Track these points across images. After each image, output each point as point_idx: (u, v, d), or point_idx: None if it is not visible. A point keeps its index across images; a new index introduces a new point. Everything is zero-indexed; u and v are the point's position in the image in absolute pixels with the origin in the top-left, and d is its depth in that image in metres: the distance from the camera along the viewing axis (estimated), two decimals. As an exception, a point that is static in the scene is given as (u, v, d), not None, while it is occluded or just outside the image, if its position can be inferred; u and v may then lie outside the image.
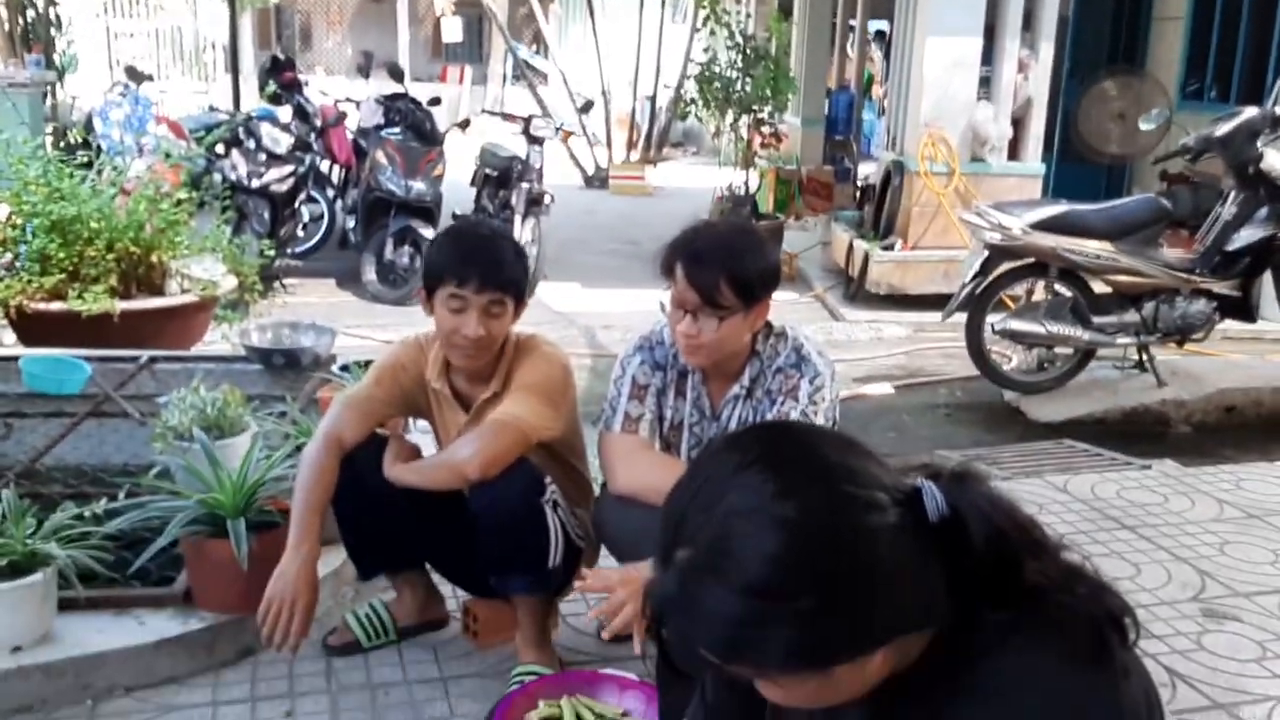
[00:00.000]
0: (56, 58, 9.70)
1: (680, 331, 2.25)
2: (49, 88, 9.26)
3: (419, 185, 7.35)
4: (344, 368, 3.62)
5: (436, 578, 2.75)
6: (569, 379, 2.45)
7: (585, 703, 2.26)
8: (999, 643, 1.05)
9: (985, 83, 7.61)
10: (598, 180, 14.23)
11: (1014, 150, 7.71)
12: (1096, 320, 5.36)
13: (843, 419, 2.44)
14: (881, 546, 1.02)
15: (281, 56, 9.49)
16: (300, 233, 7.87)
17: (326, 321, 4.72)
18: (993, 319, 5.37)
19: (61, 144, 6.91)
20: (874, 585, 1.02)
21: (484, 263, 2.33)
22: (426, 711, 2.42)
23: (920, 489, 1.07)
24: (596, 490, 2.58)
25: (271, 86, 7.50)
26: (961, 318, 5.42)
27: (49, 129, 8.28)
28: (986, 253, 5.32)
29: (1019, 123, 7.73)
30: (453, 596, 2.82)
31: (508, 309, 2.37)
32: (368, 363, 3.55)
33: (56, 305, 4.61)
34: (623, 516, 2.36)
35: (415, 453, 2.46)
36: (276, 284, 7.35)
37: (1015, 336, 5.43)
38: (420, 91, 9.91)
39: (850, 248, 7.81)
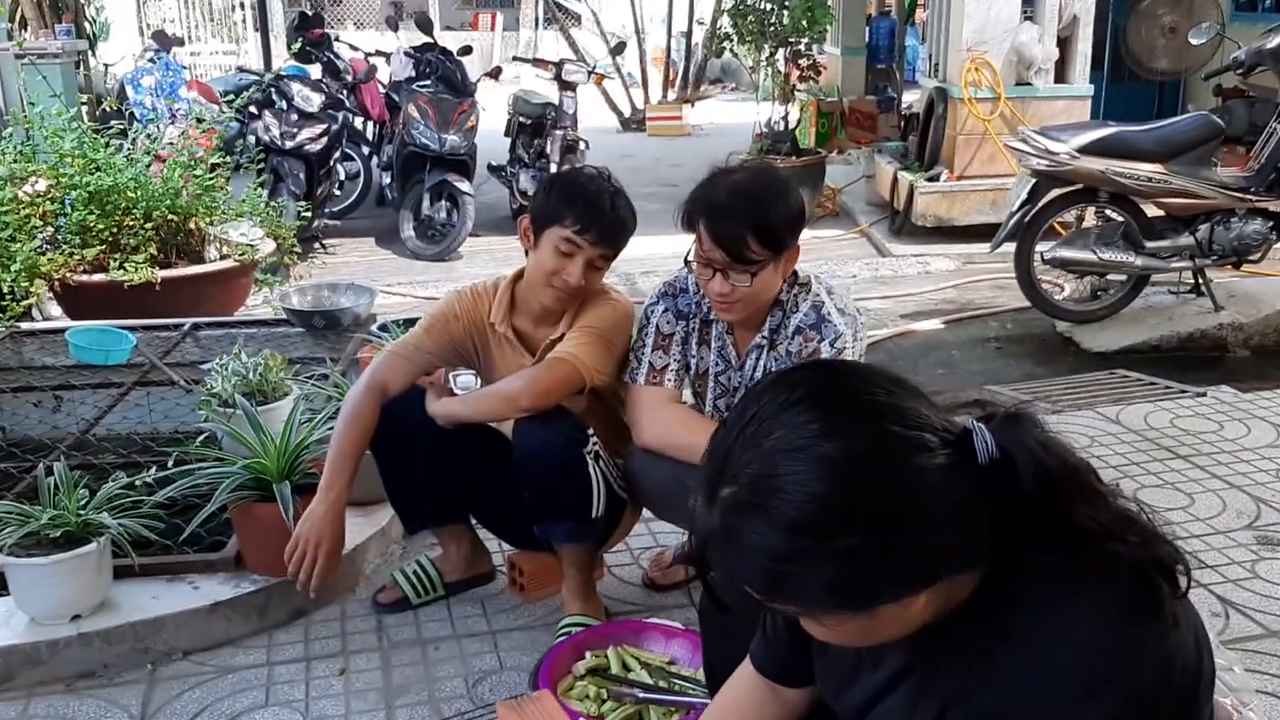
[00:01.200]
0: (87, 26, 9.76)
1: (713, 292, 2.21)
2: (81, 57, 9.34)
3: (453, 138, 7.33)
4: (383, 327, 3.66)
5: (482, 533, 2.79)
6: (629, 324, 2.44)
7: (631, 652, 2.30)
8: (1044, 589, 1.05)
9: (1029, 2, 7.43)
10: (634, 122, 14.13)
11: (1061, 72, 7.54)
12: (1149, 245, 5.26)
13: (891, 356, 2.43)
14: (927, 488, 1.02)
15: (309, 12, 9.49)
16: (337, 191, 7.89)
17: (366, 281, 4.78)
18: (1042, 248, 5.32)
19: (97, 113, 6.98)
20: (919, 526, 1.02)
21: (609, 218, 2.33)
22: (476, 665, 2.47)
23: (970, 430, 1.07)
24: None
25: (300, 43, 7.50)
26: (1010, 248, 5.36)
27: (83, 99, 8.38)
28: (1034, 180, 5.24)
29: (1065, 42, 7.55)
30: (498, 551, 2.87)
31: (609, 264, 2.40)
32: (407, 322, 3.63)
33: (99, 276, 4.71)
34: (653, 469, 2.37)
35: (453, 395, 2.49)
36: (315, 245, 7.46)
37: (1066, 265, 5.35)
38: (451, 40, 9.89)
39: (895, 180, 7.70)
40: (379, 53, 8.85)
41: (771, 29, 8.34)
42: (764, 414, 1.07)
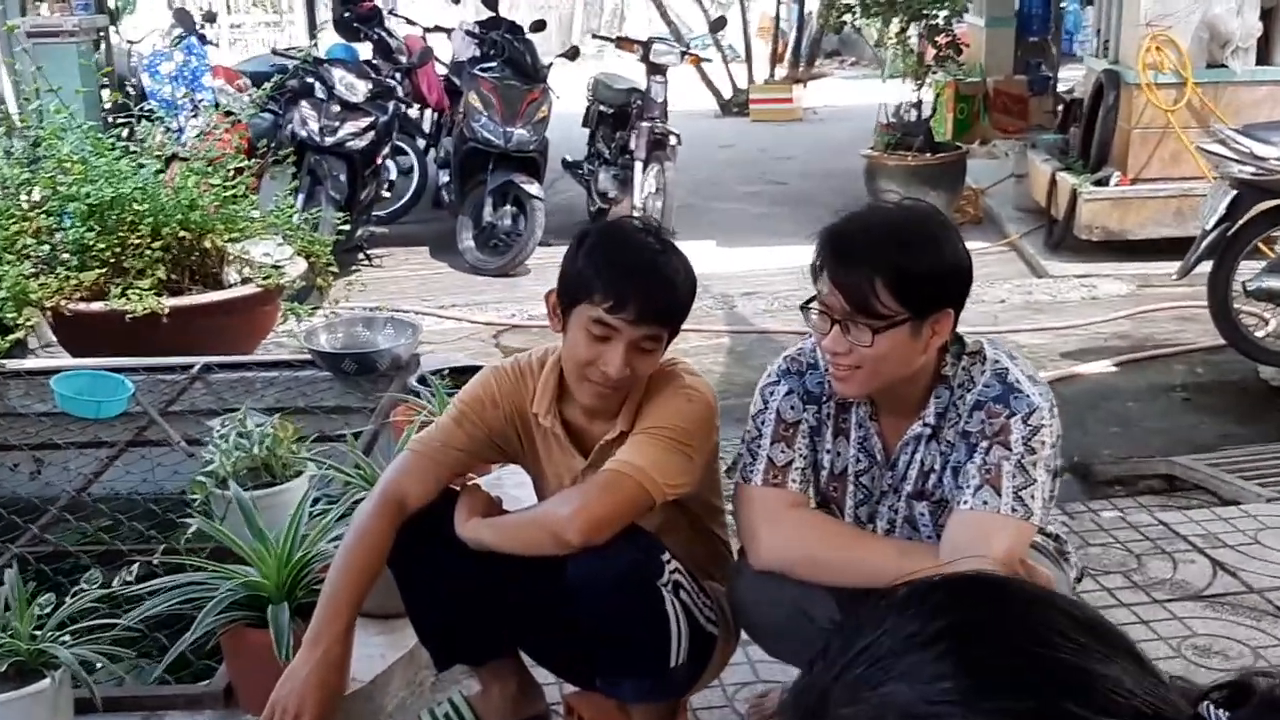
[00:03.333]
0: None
1: (825, 348, 2.09)
2: (101, 34, 9.42)
3: (520, 132, 7.28)
4: (422, 380, 3.49)
5: (530, 662, 2.56)
6: (711, 422, 2.26)
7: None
8: None
9: (1224, -36, 7.13)
10: (735, 105, 13.95)
11: (1265, 51, 7.20)
12: (1383, 274, 4.92)
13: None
14: None
15: (359, -20, 9.42)
16: (385, 193, 7.90)
17: (414, 307, 4.65)
18: (1244, 274, 5.11)
19: (112, 103, 6.96)
20: None
21: (648, 287, 2.13)
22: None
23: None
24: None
25: (344, 18, 7.43)
26: (1203, 271, 5.19)
27: (104, 84, 8.43)
28: (1235, 191, 5.03)
29: (1271, 14, 7.19)
30: (552, 683, 2.66)
31: (661, 344, 2.19)
32: (455, 372, 3.50)
33: (98, 305, 4.60)
34: (768, 596, 2.21)
35: (494, 507, 2.30)
36: (359, 256, 7.38)
37: (1273, 296, 5.12)
38: (524, 11, 9.78)
39: (1053, 181, 7.52)
40: (438, 28, 8.85)
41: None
42: (880, 649, 0.85)
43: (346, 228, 6.02)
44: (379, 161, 7.31)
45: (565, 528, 2.09)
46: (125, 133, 5.45)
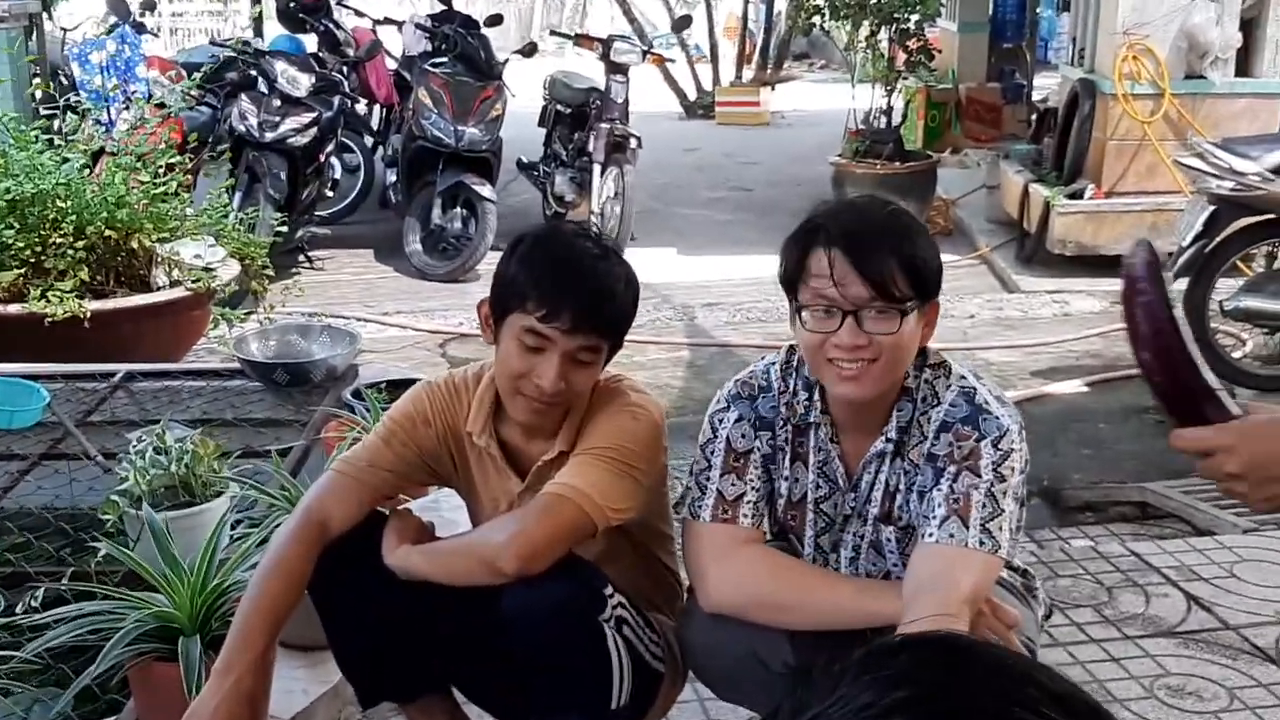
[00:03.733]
0: (41, -18, 9.70)
1: (843, 347, 2.00)
2: (33, 20, 9.26)
3: (472, 131, 7.23)
4: (356, 394, 3.42)
5: (463, 699, 2.48)
6: (658, 442, 2.21)
7: None
8: None
9: (1203, -28, 7.18)
10: (700, 107, 13.95)
11: (1244, 63, 7.26)
12: (1364, 295, 4.94)
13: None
14: None
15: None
16: (329, 192, 7.81)
17: (361, 304, 4.58)
18: (1221, 292, 5.15)
19: (47, 89, 6.83)
20: None
21: (584, 294, 2.08)
22: None
23: None
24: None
25: (284, 9, 7.35)
26: (1178, 288, 5.12)
27: (34, 70, 8.27)
28: (1212, 206, 5.05)
29: (1250, 25, 7.24)
30: (489, 723, 2.56)
31: (601, 356, 2.15)
32: (393, 385, 3.44)
33: (15, 307, 4.49)
34: (719, 640, 2.16)
35: (425, 533, 2.23)
36: (300, 258, 7.28)
37: (1251, 316, 5.17)
38: (479, 8, 9.72)
39: (1025, 193, 7.55)
40: (388, 21, 8.83)
41: (873, 2, 8.06)
42: (836, 716, 0.80)
43: (285, 229, 5.97)
44: (322, 159, 7.22)
45: (500, 556, 2.03)
46: (52, 125, 5.34)
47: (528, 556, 2.02)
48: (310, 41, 8.32)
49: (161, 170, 5.00)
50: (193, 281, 4.81)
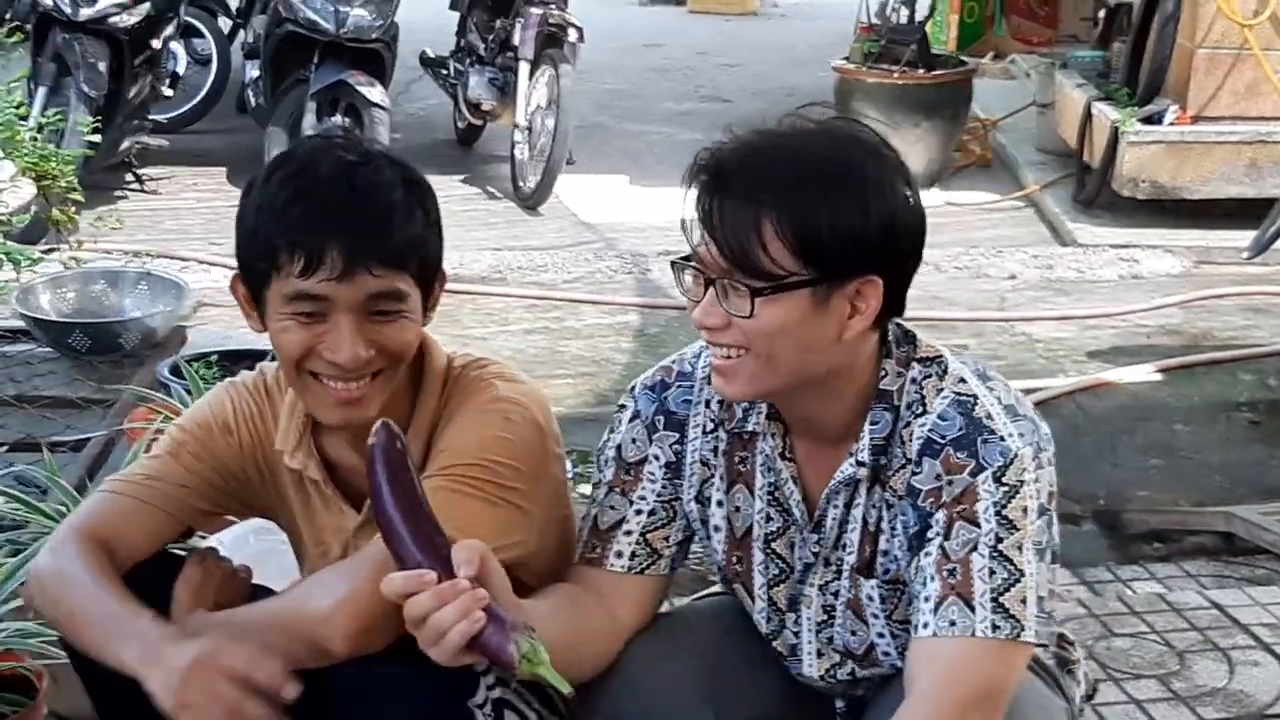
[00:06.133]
0: None
1: (695, 322, 2.01)
2: None
3: (359, 12, 7.20)
4: (175, 370, 3.43)
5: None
6: (544, 449, 2.20)
7: None
8: None
9: None
10: (666, -10, 13.90)
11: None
12: None
13: (1069, 427, 2.07)
14: None
15: None
16: (168, 91, 7.79)
17: (206, 241, 4.44)
18: None
19: None
20: None
21: (349, 221, 2.02)
22: None
23: None
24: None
25: None
26: None
27: None
28: None
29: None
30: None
31: (410, 301, 2.09)
32: (227, 359, 3.46)
33: None
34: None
35: (233, 585, 2.20)
36: (126, 176, 7.23)
37: None
38: None
39: (1088, 115, 7.58)
40: None
41: None
42: None
43: (103, 138, 5.91)
44: (157, 46, 7.21)
45: (324, 630, 1.99)
46: None
47: (362, 631, 1.97)
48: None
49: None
50: (-32, 208, 4.70)
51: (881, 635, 2.10)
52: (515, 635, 1.76)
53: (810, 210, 1.91)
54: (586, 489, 3.81)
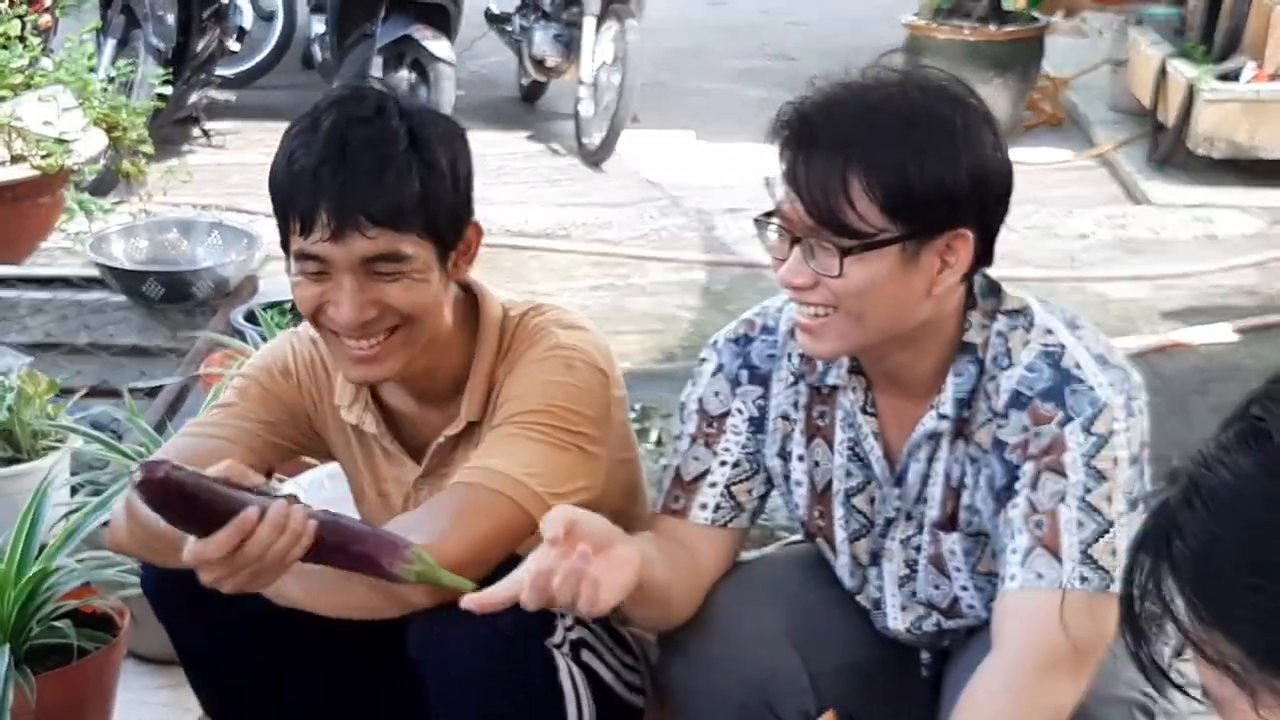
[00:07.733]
0: None
1: (783, 283, 2.03)
2: None
3: None
4: (250, 317, 3.53)
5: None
6: (607, 393, 2.23)
7: None
8: None
9: None
10: (733, -55, 13.83)
11: None
12: None
13: (1148, 391, 2.06)
14: None
15: None
16: (235, 45, 7.81)
17: (265, 201, 4.50)
18: None
19: None
20: None
21: (335, 180, 2.03)
22: None
23: None
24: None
25: None
26: None
27: None
28: None
29: None
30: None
31: (416, 262, 2.09)
32: None
33: None
34: (717, 683, 2.15)
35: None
36: (194, 131, 7.38)
37: None
38: None
39: (1162, 73, 7.54)
40: None
41: None
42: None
43: (172, 91, 5.93)
44: (224, 1, 7.26)
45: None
46: None
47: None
48: None
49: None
50: (41, 157, 4.76)
51: (965, 588, 2.13)
52: (402, 549, 1.86)
53: (899, 164, 1.91)
54: (650, 444, 3.90)
